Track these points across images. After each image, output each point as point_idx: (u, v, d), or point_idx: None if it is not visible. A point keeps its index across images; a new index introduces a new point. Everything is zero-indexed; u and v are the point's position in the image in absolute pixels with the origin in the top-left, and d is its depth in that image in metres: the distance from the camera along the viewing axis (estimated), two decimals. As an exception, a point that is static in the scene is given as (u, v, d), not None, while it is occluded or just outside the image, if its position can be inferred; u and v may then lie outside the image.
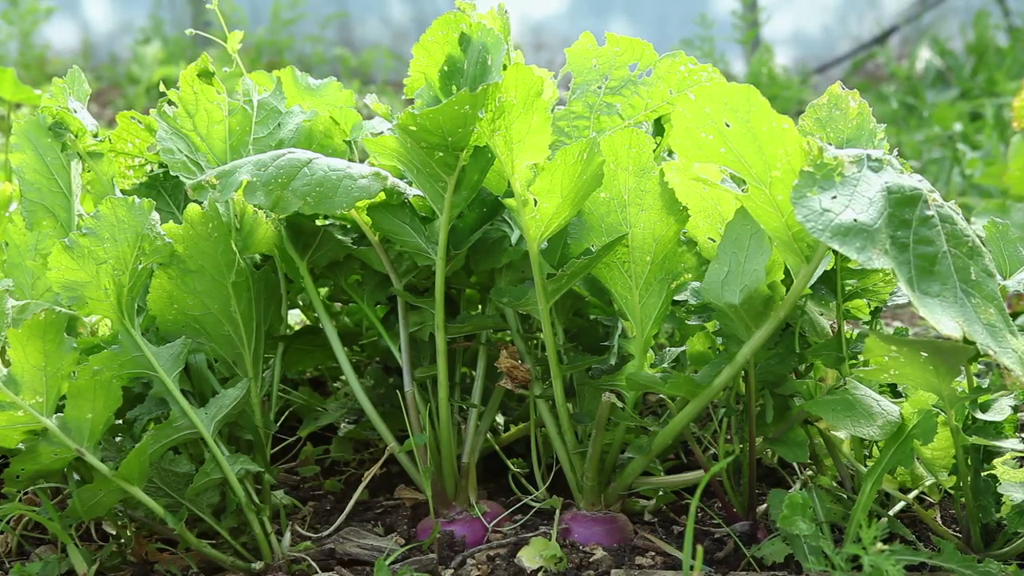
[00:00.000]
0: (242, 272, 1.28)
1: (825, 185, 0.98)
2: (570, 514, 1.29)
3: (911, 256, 0.97)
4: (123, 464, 1.14)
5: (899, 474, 1.31)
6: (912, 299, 0.95)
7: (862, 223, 0.96)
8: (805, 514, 1.11)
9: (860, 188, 0.98)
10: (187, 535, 1.21)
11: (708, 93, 1.06)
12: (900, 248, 0.97)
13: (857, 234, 0.95)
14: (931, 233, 0.99)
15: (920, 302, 0.95)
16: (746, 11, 5.96)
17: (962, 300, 0.98)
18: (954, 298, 0.98)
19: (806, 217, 0.96)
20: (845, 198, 0.97)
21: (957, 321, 0.96)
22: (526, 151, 1.15)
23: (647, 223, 1.20)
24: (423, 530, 1.31)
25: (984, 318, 0.98)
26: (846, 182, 0.98)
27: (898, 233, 0.97)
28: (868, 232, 0.95)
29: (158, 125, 1.39)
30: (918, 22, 6.46)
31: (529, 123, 1.13)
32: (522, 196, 1.17)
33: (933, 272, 0.98)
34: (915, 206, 0.99)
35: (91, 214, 1.15)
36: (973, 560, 1.10)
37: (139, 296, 1.21)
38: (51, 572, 1.23)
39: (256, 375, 1.32)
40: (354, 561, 1.27)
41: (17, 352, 1.11)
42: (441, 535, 1.28)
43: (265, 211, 1.33)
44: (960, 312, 0.97)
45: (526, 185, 1.17)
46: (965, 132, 3.99)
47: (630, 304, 1.23)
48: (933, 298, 0.96)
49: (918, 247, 0.98)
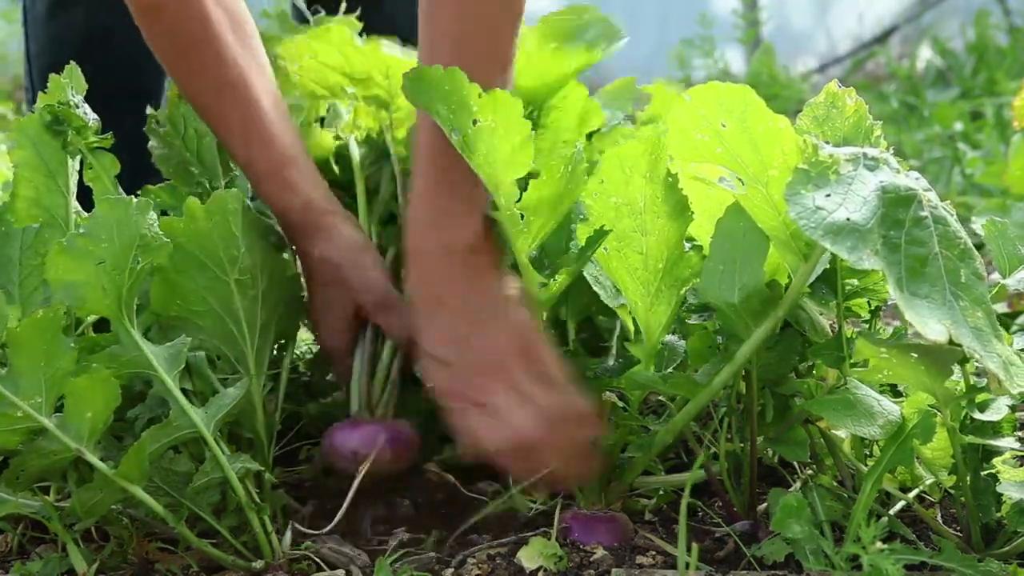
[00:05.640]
0: (245, 269, 1.28)
1: (820, 183, 0.98)
2: (570, 513, 1.29)
3: (902, 257, 0.97)
4: (122, 463, 1.14)
5: (899, 473, 1.31)
6: (899, 301, 0.95)
7: (855, 222, 0.96)
8: (800, 516, 1.10)
9: (855, 187, 0.98)
10: (188, 534, 1.21)
11: (703, 94, 1.06)
12: (891, 248, 0.97)
13: (849, 233, 0.95)
14: (924, 234, 0.99)
15: (908, 304, 0.96)
16: (746, 10, 5.96)
17: (951, 303, 0.98)
18: (943, 300, 0.98)
19: (799, 214, 0.96)
20: (839, 196, 0.97)
21: (944, 324, 0.96)
22: (509, 169, 1.17)
23: (661, 230, 1.20)
24: (331, 439, 1.33)
25: (972, 321, 0.98)
26: (841, 180, 0.98)
27: (890, 233, 0.97)
28: (860, 232, 0.95)
29: (152, 139, 1.44)
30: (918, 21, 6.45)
31: (512, 144, 1.16)
32: (508, 211, 1.18)
33: (923, 274, 0.98)
34: (909, 206, 0.99)
35: (89, 214, 1.16)
36: (973, 560, 1.10)
37: (139, 294, 1.21)
38: (51, 571, 1.23)
39: (259, 374, 1.32)
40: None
41: (16, 351, 1.11)
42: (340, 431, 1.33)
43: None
44: (948, 315, 0.97)
45: (512, 200, 1.18)
46: (965, 131, 3.99)
47: (639, 311, 1.24)
48: (921, 299, 0.97)
49: (910, 248, 0.98)
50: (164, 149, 1.45)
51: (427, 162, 1.24)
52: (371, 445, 1.30)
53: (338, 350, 1.38)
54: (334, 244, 1.34)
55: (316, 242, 1.34)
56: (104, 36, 1.58)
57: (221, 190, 1.31)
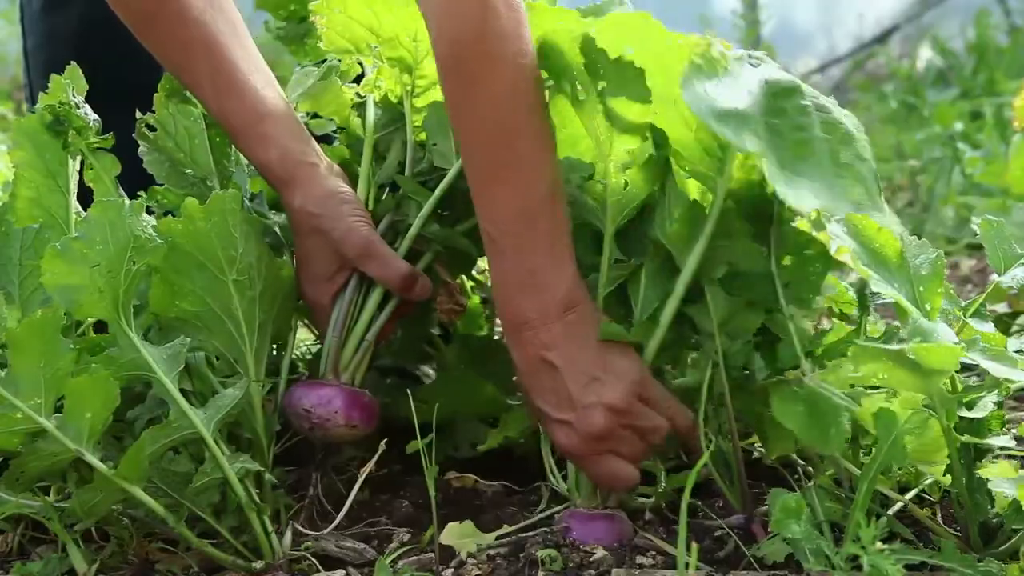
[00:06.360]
0: (243, 270, 1.28)
1: (710, 75, 1.06)
2: (568, 512, 1.29)
3: (784, 141, 1.05)
4: (122, 464, 1.14)
5: (900, 473, 1.31)
6: (777, 181, 1.01)
7: (739, 109, 1.04)
8: (799, 516, 1.10)
9: (741, 80, 1.08)
10: (188, 534, 1.21)
11: (605, 26, 1.14)
12: (773, 132, 1.05)
13: (734, 117, 1.03)
14: (805, 121, 1.07)
15: (788, 184, 1.02)
16: (747, 10, 5.96)
17: (831, 182, 1.05)
18: (823, 180, 1.05)
19: (691, 101, 1.03)
20: (727, 87, 1.06)
21: (820, 198, 1.03)
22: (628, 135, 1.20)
23: None
24: (288, 396, 1.35)
25: (852, 197, 1.05)
26: (729, 74, 1.07)
27: (773, 120, 1.06)
28: (744, 116, 1.04)
29: (142, 144, 1.44)
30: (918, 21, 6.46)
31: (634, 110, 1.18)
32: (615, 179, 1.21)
33: (804, 156, 1.05)
34: (791, 97, 1.08)
35: (84, 216, 1.16)
36: (973, 560, 1.10)
37: (136, 296, 1.21)
38: (51, 571, 1.23)
39: (258, 374, 1.32)
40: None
41: (15, 353, 1.11)
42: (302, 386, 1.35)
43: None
44: (827, 191, 1.04)
45: (621, 168, 1.21)
46: (966, 131, 3.99)
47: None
48: (801, 178, 1.03)
49: (792, 133, 1.06)
50: (154, 153, 1.45)
51: (510, 220, 1.20)
52: (326, 407, 1.31)
53: (318, 303, 1.38)
54: (313, 194, 1.34)
55: (295, 193, 1.34)
56: (101, 31, 1.58)
57: (219, 191, 1.31)
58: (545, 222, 1.19)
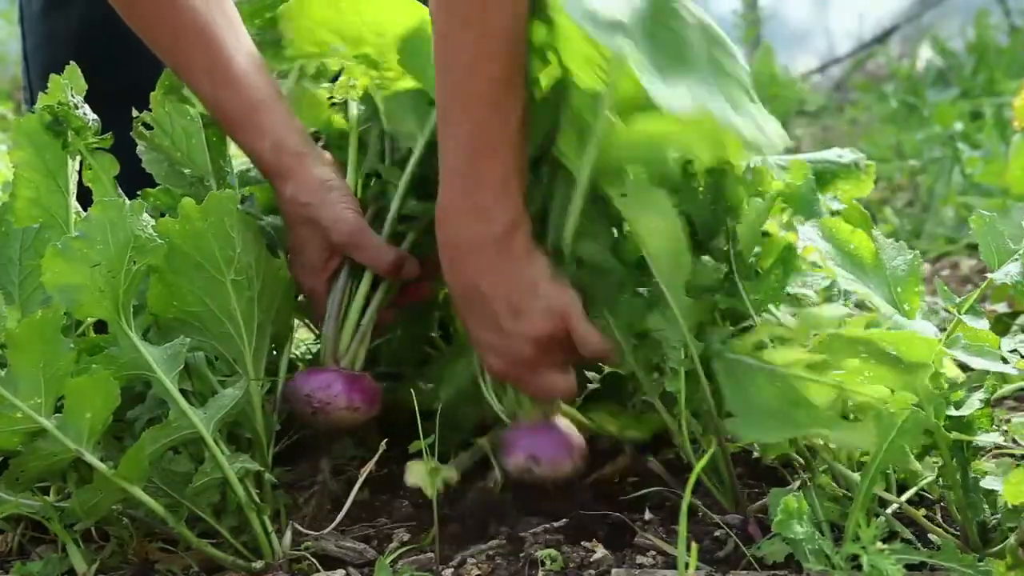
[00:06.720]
0: (241, 270, 1.28)
1: None
2: (511, 430, 1.32)
3: (660, 46, 1.07)
4: (122, 464, 1.14)
5: (899, 473, 1.31)
6: (650, 85, 1.02)
7: (616, 16, 1.06)
8: (801, 517, 1.10)
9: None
10: (187, 534, 1.21)
11: None
12: (649, 37, 1.07)
13: (611, 22, 1.05)
14: (682, 28, 1.09)
15: (661, 84, 1.03)
16: (746, 10, 5.97)
17: (707, 82, 1.07)
18: (699, 80, 1.07)
19: (570, 8, 1.05)
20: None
21: (696, 97, 1.04)
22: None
23: None
24: (289, 384, 1.36)
25: (726, 94, 1.07)
26: None
27: (650, 27, 1.08)
28: (620, 23, 1.06)
29: (140, 143, 1.44)
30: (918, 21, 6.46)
31: None
32: None
33: (679, 60, 1.07)
34: (670, 7, 1.11)
35: (84, 216, 1.16)
36: (973, 559, 1.10)
37: (136, 295, 1.21)
38: (51, 571, 1.23)
39: (257, 374, 1.32)
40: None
41: (15, 353, 1.11)
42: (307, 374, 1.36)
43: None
44: (704, 91, 1.06)
45: None
46: (966, 131, 3.99)
47: None
48: (676, 78, 1.05)
49: (667, 39, 1.08)
50: (152, 153, 1.46)
51: (460, 157, 1.23)
52: (326, 391, 1.32)
53: (314, 291, 1.41)
54: (303, 183, 1.36)
55: (287, 182, 1.37)
56: (101, 31, 1.58)
57: (216, 191, 1.31)
58: (503, 159, 1.21)
